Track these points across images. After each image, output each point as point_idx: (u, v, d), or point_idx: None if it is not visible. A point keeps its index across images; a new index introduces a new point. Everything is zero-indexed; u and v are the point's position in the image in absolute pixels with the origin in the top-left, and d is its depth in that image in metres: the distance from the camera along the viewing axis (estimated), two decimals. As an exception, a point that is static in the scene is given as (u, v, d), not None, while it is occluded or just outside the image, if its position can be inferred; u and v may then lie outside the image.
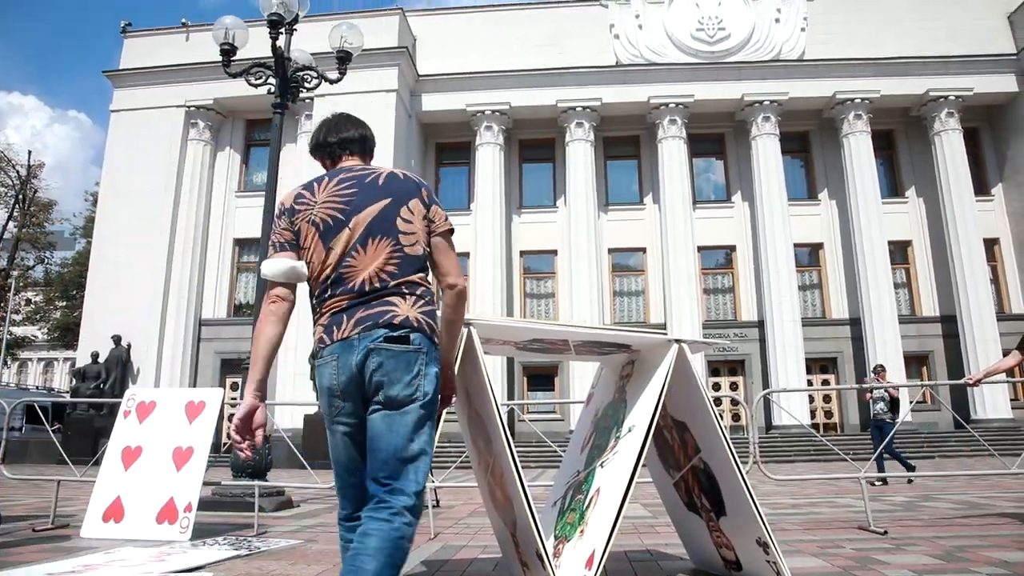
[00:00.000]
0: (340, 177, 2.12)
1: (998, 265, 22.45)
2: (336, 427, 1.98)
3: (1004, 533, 4.70)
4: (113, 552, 4.32)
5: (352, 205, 2.04)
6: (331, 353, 1.97)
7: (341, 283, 2.00)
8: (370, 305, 1.96)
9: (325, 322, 2.02)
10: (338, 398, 1.96)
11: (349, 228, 2.01)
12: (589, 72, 22.48)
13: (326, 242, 2.02)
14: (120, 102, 22.53)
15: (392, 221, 2.03)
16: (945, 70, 21.94)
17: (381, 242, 2.00)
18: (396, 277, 2.00)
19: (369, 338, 1.93)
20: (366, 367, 1.92)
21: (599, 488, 2.97)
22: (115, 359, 19.84)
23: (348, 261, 2.00)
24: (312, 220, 2.05)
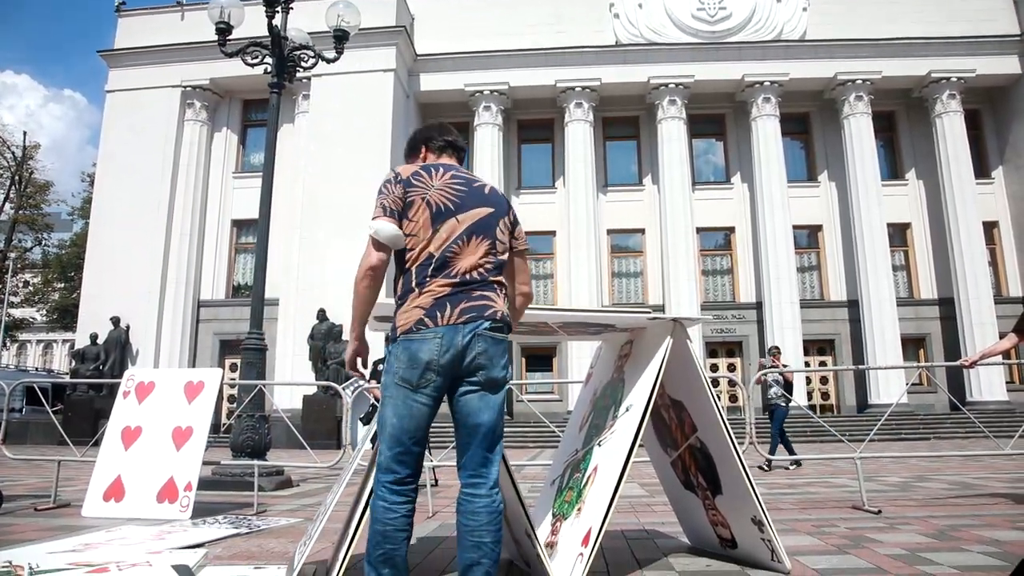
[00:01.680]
0: (453, 174, 2.34)
1: (997, 248, 22.45)
2: (418, 397, 2.16)
3: (997, 513, 4.74)
4: (114, 531, 4.35)
5: (462, 200, 2.29)
6: (435, 333, 2.15)
7: (444, 268, 2.21)
8: (472, 297, 2.20)
9: (427, 304, 2.18)
10: (433, 372, 2.15)
11: (457, 219, 2.25)
12: (588, 52, 22.32)
13: (435, 223, 2.24)
14: (115, 82, 22.36)
15: (493, 228, 2.31)
16: (948, 51, 21.79)
17: (483, 242, 2.27)
18: (492, 274, 2.27)
19: (475, 326, 2.17)
20: (469, 350, 2.16)
21: (596, 466, 2.99)
22: (114, 341, 19.87)
23: (452, 248, 2.22)
24: (427, 199, 2.26)
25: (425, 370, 2.14)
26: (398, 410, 2.17)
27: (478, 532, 2.12)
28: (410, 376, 2.15)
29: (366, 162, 20.05)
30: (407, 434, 2.17)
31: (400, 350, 2.17)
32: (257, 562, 3.16)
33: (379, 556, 2.12)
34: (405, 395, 2.16)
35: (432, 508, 5.23)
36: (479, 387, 2.19)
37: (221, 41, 8.04)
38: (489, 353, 2.18)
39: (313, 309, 18.61)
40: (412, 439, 2.17)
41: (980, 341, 19.32)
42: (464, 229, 2.25)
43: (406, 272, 2.25)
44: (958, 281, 20.93)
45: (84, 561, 3.28)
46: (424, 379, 2.15)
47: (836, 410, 21.51)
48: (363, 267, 2.28)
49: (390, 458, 2.17)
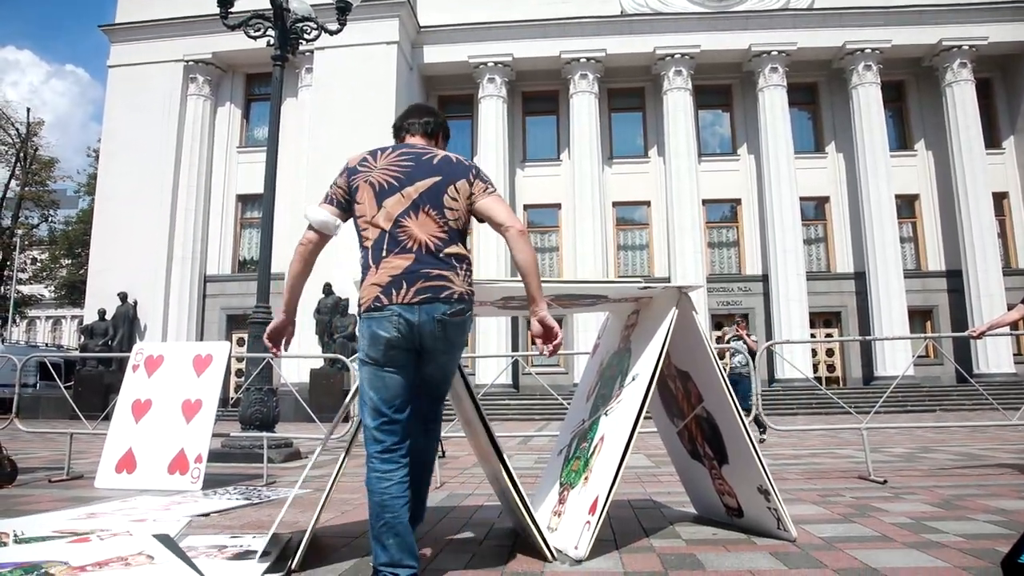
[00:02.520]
0: (402, 151, 2.41)
1: (1006, 219, 22.28)
2: (386, 371, 2.25)
3: (1002, 483, 4.76)
4: (127, 501, 4.41)
5: (407, 175, 2.33)
6: (391, 311, 2.22)
7: (396, 244, 2.26)
8: (429, 276, 2.24)
9: (383, 282, 2.24)
10: (395, 348, 2.24)
11: (402, 195, 2.30)
12: (593, 22, 22.05)
13: (379, 201, 2.31)
14: (117, 57, 22.23)
15: (440, 196, 2.32)
16: (959, 19, 21.43)
17: (431, 212, 2.29)
18: (447, 245, 2.29)
19: (433, 310, 2.23)
20: (430, 332, 2.24)
21: (603, 436, 3.00)
22: (122, 316, 19.98)
23: (402, 223, 2.27)
24: (369, 181, 2.34)
25: (387, 347, 2.23)
26: (372, 383, 2.26)
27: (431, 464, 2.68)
28: (374, 353, 2.25)
29: (370, 135, 19.90)
30: (385, 404, 2.25)
31: (363, 327, 2.26)
32: (257, 531, 3.19)
33: (381, 527, 2.18)
34: (374, 370, 2.26)
35: (440, 479, 5.28)
36: (435, 359, 2.33)
37: (223, 14, 7.97)
38: (448, 335, 2.27)
39: (319, 283, 18.63)
40: (392, 408, 2.26)
41: (988, 313, 19.26)
42: (410, 203, 2.29)
43: (363, 251, 2.33)
44: (966, 253, 20.81)
45: (69, 529, 3.33)
46: (387, 356, 2.24)
47: (842, 382, 21.55)
48: (296, 249, 2.44)
49: (374, 429, 2.26)
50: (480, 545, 3.06)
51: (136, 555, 2.79)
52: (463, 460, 7.00)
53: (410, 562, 2.18)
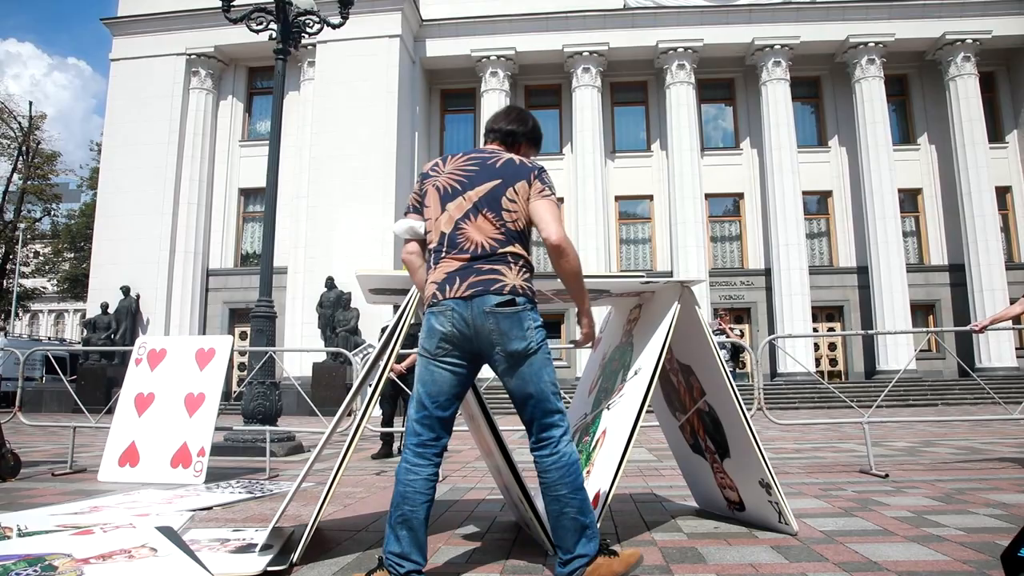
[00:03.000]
0: (470, 156, 2.48)
1: (1009, 214, 22.22)
2: (438, 365, 2.31)
3: (1004, 477, 4.77)
4: (130, 495, 4.43)
5: (470, 180, 2.40)
6: (446, 306, 2.29)
7: (455, 245, 2.34)
8: (481, 271, 2.29)
9: (439, 279, 2.34)
10: (448, 343, 2.29)
11: (464, 198, 2.37)
12: (596, 16, 21.97)
13: (443, 204, 2.40)
14: (120, 51, 22.19)
15: (499, 199, 2.36)
16: (963, 12, 21.33)
17: (489, 215, 2.34)
18: (503, 245, 2.32)
19: (484, 303, 2.26)
20: (483, 326, 2.26)
21: (605, 430, 3.01)
22: (125, 310, 20.02)
23: (461, 226, 2.35)
24: (436, 185, 2.44)
25: (440, 340, 2.29)
26: (421, 376, 2.33)
27: (554, 487, 2.24)
28: (428, 345, 2.32)
29: (372, 129, 19.95)
30: (429, 399, 2.30)
31: (424, 321, 2.35)
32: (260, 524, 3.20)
33: (398, 517, 2.22)
34: (426, 363, 2.32)
35: (442, 473, 5.29)
36: (504, 363, 2.28)
37: (225, 7, 7.96)
38: (502, 328, 2.25)
39: (321, 277, 18.67)
40: (434, 403, 2.30)
41: (990, 307, 19.24)
42: (472, 206, 2.35)
43: (429, 254, 2.43)
44: (969, 247, 20.77)
45: (72, 523, 3.34)
46: (439, 348, 2.29)
47: (844, 376, 21.55)
48: (403, 260, 2.53)
49: (414, 420, 2.31)
50: (483, 538, 3.07)
51: (139, 547, 2.80)
52: (465, 454, 7.02)
53: (417, 558, 2.21)
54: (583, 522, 2.23)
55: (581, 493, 2.26)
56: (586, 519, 2.24)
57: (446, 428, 2.32)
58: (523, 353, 2.27)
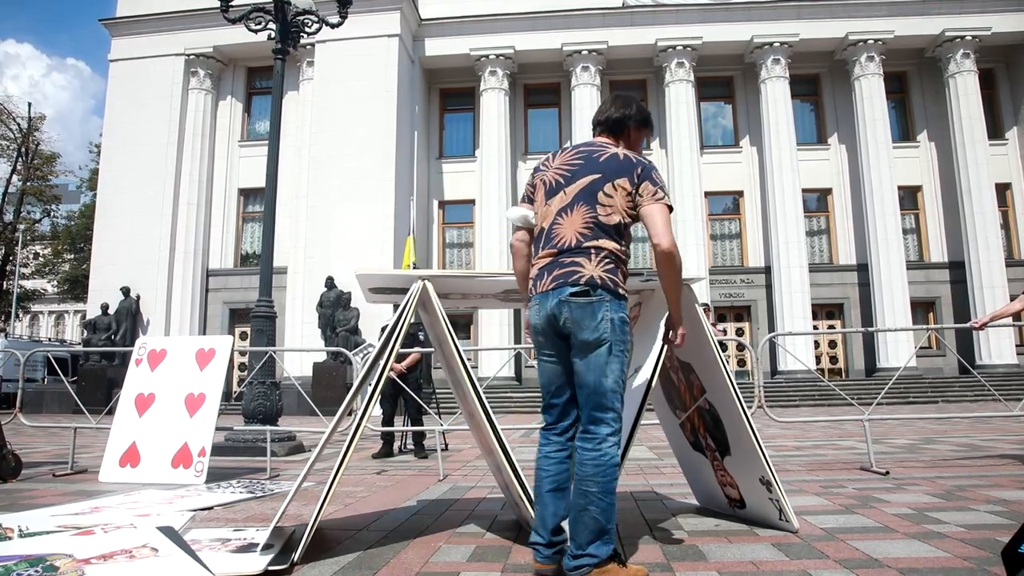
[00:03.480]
0: (578, 149, 2.53)
1: (1009, 210, 22.21)
2: (542, 356, 2.47)
3: (1004, 473, 4.77)
4: (131, 495, 4.43)
5: (572, 174, 2.47)
6: (536, 300, 2.43)
7: (549, 240, 2.44)
8: (563, 264, 2.37)
9: (533, 275, 2.47)
10: (539, 335, 2.44)
11: (564, 192, 2.46)
12: (595, 14, 21.96)
13: (547, 199, 2.50)
14: (118, 51, 22.18)
15: (596, 192, 2.41)
16: (963, 8, 21.31)
17: (583, 208, 2.40)
18: (588, 239, 2.37)
19: (560, 292, 2.34)
20: (558, 315, 2.34)
21: None
22: (125, 311, 20.03)
23: (558, 220, 2.44)
24: (544, 180, 2.54)
25: (534, 334, 2.46)
26: (538, 368, 2.51)
27: (585, 482, 2.27)
28: (532, 339, 2.50)
29: (371, 128, 19.94)
30: (544, 388, 2.49)
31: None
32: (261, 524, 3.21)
33: (534, 487, 2.46)
34: (536, 354, 2.50)
35: (443, 471, 5.29)
36: (575, 351, 2.35)
37: (224, 7, 7.95)
38: (575, 317, 2.31)
39: (321, 277, 18.67)
40: (549, 392, 2.47)
41: (990, 304, 19.23)
42: (570, 200, 2.43)
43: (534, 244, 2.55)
44: (969, 244, 20.76)
45: (73, 524, 3.34)
46: (536, 340, 2.46)
47: (844, 374, 21.55)
48: (511, 248, 2.64)
49: (542, 408, 2.52)
50: (483, 537, 3.07)
51: (140, 548, 2.80)
52: (466, 453, 7.02)
53: (541, 534, 2.35)
54: (603, 525, 2.24)
55: (610, 497, 2.27)
56: (607, 523, 2.25)
57: (566, 412, 2.44)
58: (592, 343, 2.30)
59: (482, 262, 21.62)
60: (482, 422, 2.82)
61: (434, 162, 23.38)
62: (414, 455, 6.90)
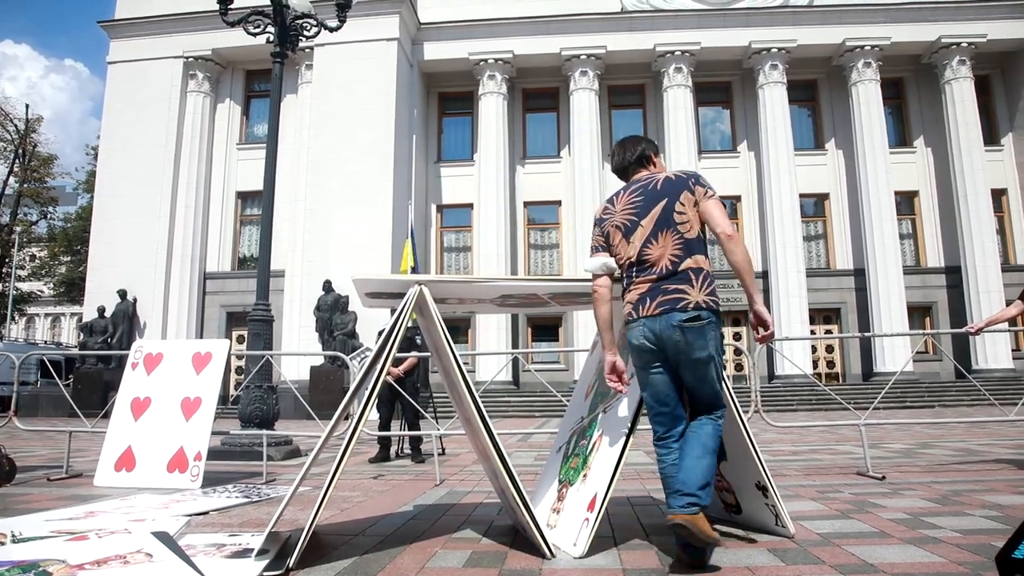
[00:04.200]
0: (632, 188, 2.82)
1: (1005, 216, 22.28)
2: (646, 372, 2.72)
3: (1000, 478, 4.77)
4: (126, 499, 4.42)
5: (641, 208, 2.73)
6: (640, 323, 2.67)
7: (643, 268, 2.70)
8: (667, 292, 2.62)
9: (633, 300, 2.71)
10: (646, 353, 2.68)
11: (642, 226, 2.71)
12: (594, 19, 22.01)
13: (628, 238, 2.74)
14: (117, 53, 22.18)
15: (671, 214, 2.67)
16: (958, 16, 21.40)
17: (668, 232, 2.66)
18: (683, 260, 2.64)
19: (671, 319, 2.60)
20: (670, 338, 2.60)
21: (602, 433, 3.01)
22: (121, 313, 19.99)
23: (646, 250, 2.69)
24: (615, 224, 2.80)
25: (638, 351, 2.69)
26: (642, 382, 2.75)
27: (706, 439, 2.62)
28: (634, 358, 2.75)
29: (370, 132, 19.96)
30: (652, 399, 2.72)
31: (626, 340, 2.76)
32: (256, 529, 3.20)
33: (666, 491, 2.66)
34: (638, 371, 2.74)
35: (439, 476, 5.28)
36: (686, 367, 2.63)
37: (223, 10, 7.97)
38: (687, 339, 2.58)
39: (319, 280, 18.66)
40: (658, 402, 2.71)
41: (987, 309, 19.26)
42: (650, 231, 2.68)
43: (622, 278, 2.80)
44: (965, 249, 20.81)
45: (67, 529, 3.33)
46: (642, 359, 2.69)
47: (842, 378, 21.57)
48: (593, 296, 2.85)
49: (650, 419, 2.76)
50: (479, 542, 3.07)
51: (135, 553, 2.79)
52: (463, 458, 7.01)
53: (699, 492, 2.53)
54: (710, 478, 2.55)
55: (715, 456, 2.64)
56: (711, 478, 2.56)
57: (676, 418, 2.70)
58: (704, 361, 2.61)
59: (480, 266, 21.62)
60: (479, 428, 2.81)
61: (432, 166, 23.39)
62: (411, 460, 6.89)
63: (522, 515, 2.77)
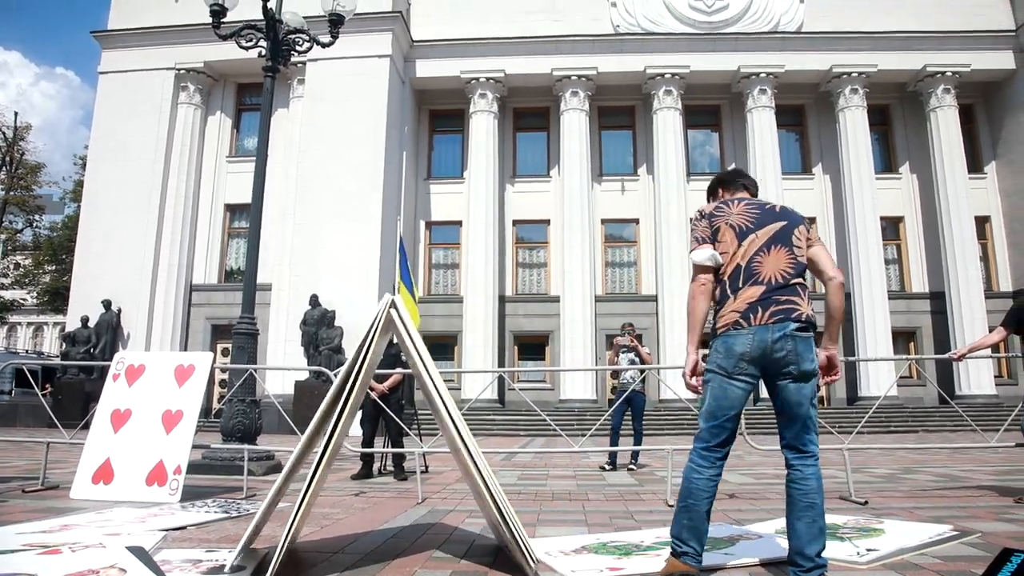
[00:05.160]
0: (747, 203, 2.83)
1: (988, 243, 22.54)
2: (733, 382, 2.63)
3: (982, 504, 4.79)
4: (102, 513, 4.35)
5: (758, 220, 2.75)
6: (751, 331, 2.60)
7: (751, 276, 2.66)
8: (779, 301, 2.61)
9: (742, 308, 2.64)
10: (747, 362, 2.60)
11: (756, 235, 2.71)
12: (585, 40, 22.22)
13: (740, 240, 2.71)
14: (108, 64, 22.14)
15: (789, 236, 2.73)
16: (943, 45, 21.77)
17: (781, 249, 2.70)
18: (793, 277, 2.67)
19: (785, 327, 2.58)
20: (779, 348, 2.57)
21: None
22: (105, 324, 19.79)
23: (756, 259, 2.68)
24: (730, 223, 2.75)
25: (739, 360, 2.60)
26: (715, 392, 2.65)
27: (811, 495, 2.54)
28: (726, 364, 2.63)
29: (360, 148, 19.98)
30: (720, 411, 2.63)
31: (720, 344, 2.66)
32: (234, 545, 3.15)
33: (682, 507, 2.60)
34: (721, 380, 2.64)
35: (421, 494, 5.24)
36: (792, 379, 2.59)
37: (215, 23, 7.97)
38: (798, 350, 2.58)
39: (306, 294, 18.57)
40: (724, 416, 2.63)
41: (970, 335, 19.42)
42: (763, 242, 2.69)
43: (721, 282, 2.72)
44: (949, 275, 21.02)
45: (40, 542, 3.27)
46: (737, 367, 2.61)
47: (826, 402, 21.62)
48: (692, 290, 2.75)
49: (705, 429, 2.65)
50: (459, 562, 3.04)
51: (108, 568, 2.75)
52: (446, 476, 6.96)
53: (693, 544, 2.56)
54: (826, 535, 2.53)
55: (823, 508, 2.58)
56: (826, 534, 2.54)
57: (731, 437, 2.66)
58: (810, 373, 2.60)
59: (468, 283, 21.62)
60: (460, 446, 2.80)
61: (422, 183, 23.43)
62: (394, 477, 6.84)
63: (505, 533, 2.75)
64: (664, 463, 5.38)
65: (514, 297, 22.57)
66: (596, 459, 8.31)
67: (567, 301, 21.18)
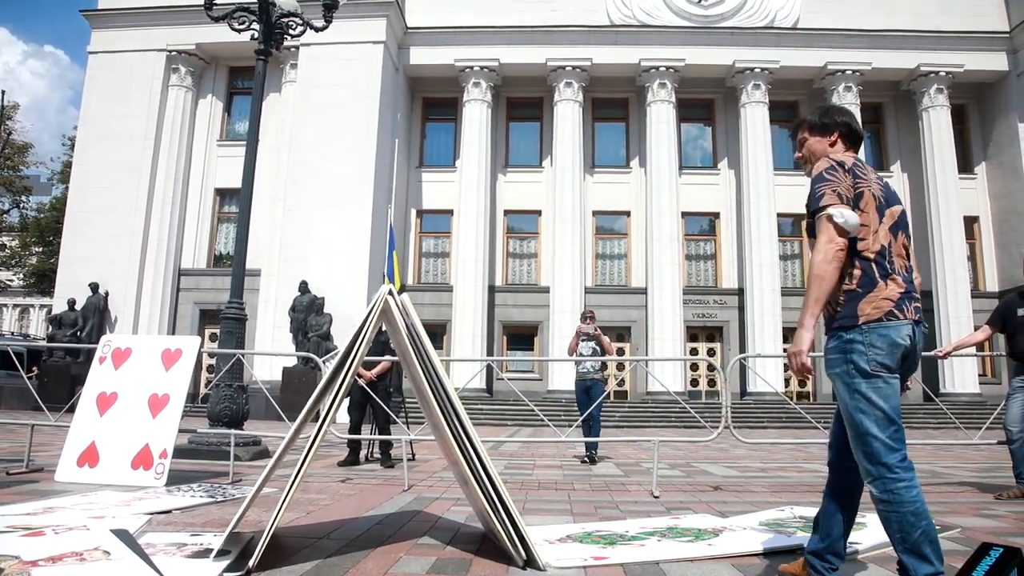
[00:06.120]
0: (870, 170, 2.42)
1: (976, 243, 22.71)
2: (893, 379, 2.29)
3: (963, 500, 4.85)
4: (87, 496, 4.33)
5: (887, 197, 2.39)
6: (907, 324, 2.31)
7: (892, 264, 2.34)
8: (915, 297, 2.38)
9: (894, 297, 2.31)
10: (902, 357, 2.31)
11: (888, 214, 2.35)
12: (580, 31, 22.15)
13: (880, 214, 2.33)
14: (98, 43, 21.89)
15: (907, 224, 2.45)
16: (937, 45, 21.85)
17: (902, 237, 2.39)
18: (911, 271, 2.41)
19: (921, 327, 2.37)
20: (917, 346, 2.35)
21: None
22: (92, 307, 19.66)
23: (893, 243, 2.35)
24: (872, 192, 2.33)
25: (901, 355, 2.29)
26: (884, 392, 2.25)
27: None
28: (889, 361, 2.27)
29: (352, 134, 19.88)
30: (894, 411, 2.25)
31: (876, 337, 2.28)
32: (219, 529, 3.15)
33: (919, 536, 2.14)
34: (887, 378, 2.27)
35: (408, 481, 5.25)
36: (905, 373, 2.38)
37: (208, 5, 7.90)
38: (921, 344, 2.39)
39: (296, 280, 18.50)
40: (898, 415, 2.27)
41: (956, 335, 19.56)
42: (892, 223, 2.36)
43: (864, 261, 2.32)
44: (937, 274, 21.19)
45: (23, 524, 3.26)
46: (897, 363, 2.29)
47: (812, 397, 21.79)
48: (829, 253, 2.27)
49: (887, 438, 2.23)
50: (444, 549, 3.05)
51: (92, 550, 2.74)
52: (433, 463, 6.97)
53: (942, 569, 2.14)
54: None
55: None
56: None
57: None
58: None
59: (458, 272, 21.59)
60: (447, 433, 2.80)
61: (414, 171, 23.35)
62: (380, 464, 6.84)
63: (491, 520, 2.75)
64: (650, 455, 5.41)
65: (504, 287, 22.57)
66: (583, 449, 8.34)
67: (557, 292, 21.20)
